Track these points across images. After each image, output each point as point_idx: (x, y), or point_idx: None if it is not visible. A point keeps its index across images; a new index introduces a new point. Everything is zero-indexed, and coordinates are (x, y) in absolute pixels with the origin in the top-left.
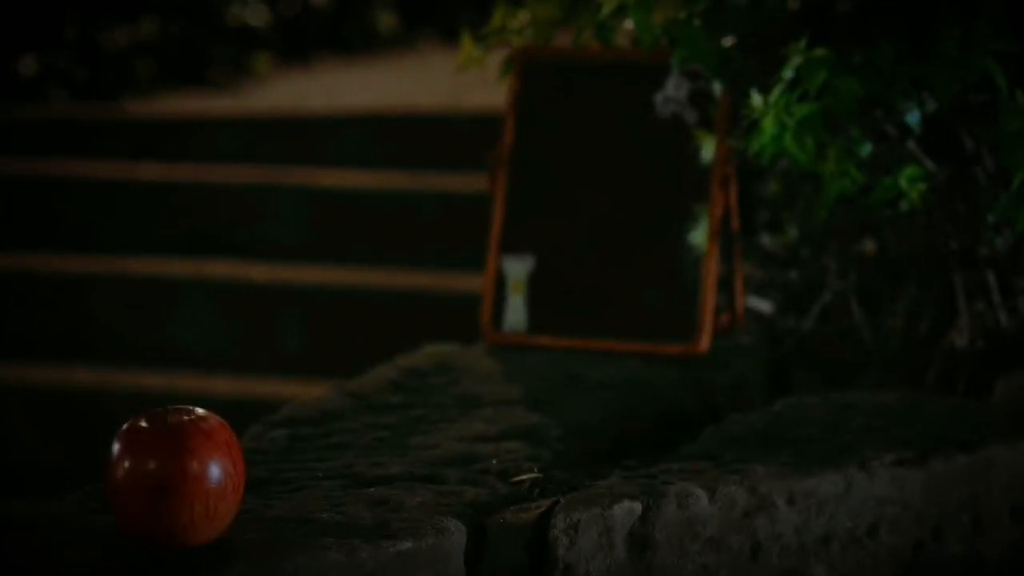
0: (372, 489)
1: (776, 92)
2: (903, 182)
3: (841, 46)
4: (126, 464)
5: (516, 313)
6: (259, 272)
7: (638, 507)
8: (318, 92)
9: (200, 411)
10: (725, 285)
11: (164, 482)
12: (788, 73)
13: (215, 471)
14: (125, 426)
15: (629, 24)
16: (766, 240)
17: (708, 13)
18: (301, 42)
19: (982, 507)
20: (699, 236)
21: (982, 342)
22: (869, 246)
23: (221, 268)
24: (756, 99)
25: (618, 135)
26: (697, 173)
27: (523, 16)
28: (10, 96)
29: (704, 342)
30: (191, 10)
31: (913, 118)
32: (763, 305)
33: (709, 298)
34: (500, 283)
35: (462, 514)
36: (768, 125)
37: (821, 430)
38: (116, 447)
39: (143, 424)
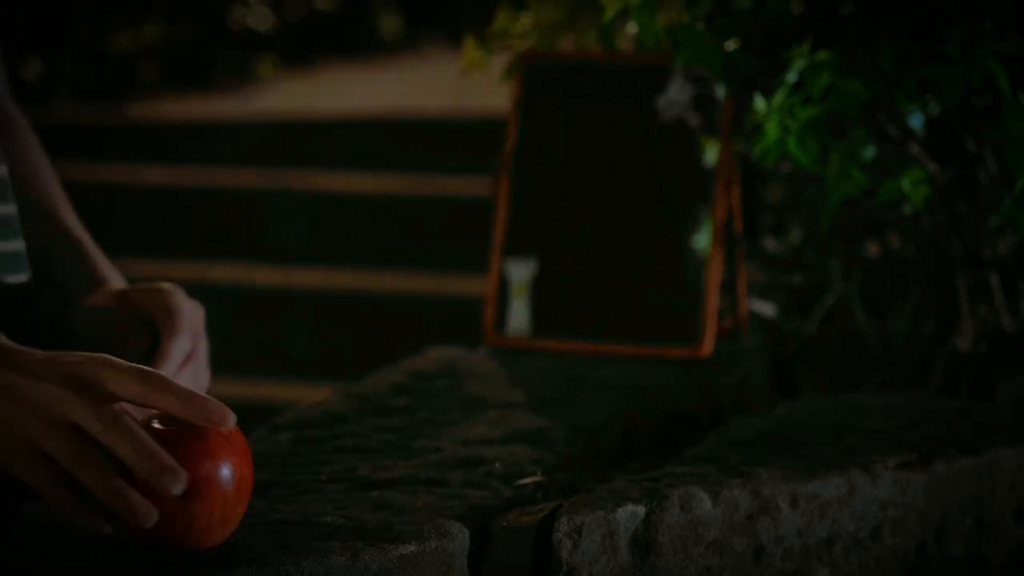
0: (376, 492)
1: (779, 95)
2: (906, 185)
3: (845, 48)
4: None
5: (519, 316)
6: (263, 275)
7: (641, 510)
8: (322, 95)
9: None
10: (728, 288)
11: (192, 485)
12: (791, 76)
13: (234, 474)
14: (145, 426)
15: (632, 27)
16: (769, 243)
17: (711, 16)
18: (305, 46)
19: (986, 509)
20: (702, 239)
21: (985, 344)
22: (872, 248)
23: (225, 271)
24: (759, 102)
25: (621, 139)
26: (700, 176)
27: (526, 19)
28: (14, 99)
29: (708, 345)
30: (196, 14)
31: (916, 120)
32: (767, 308)
33: (712, 301)
34: (503, 286)
35: (466, 517)
36: (771, 128)
37: (825, 433)
38: None
39: (164, 425)
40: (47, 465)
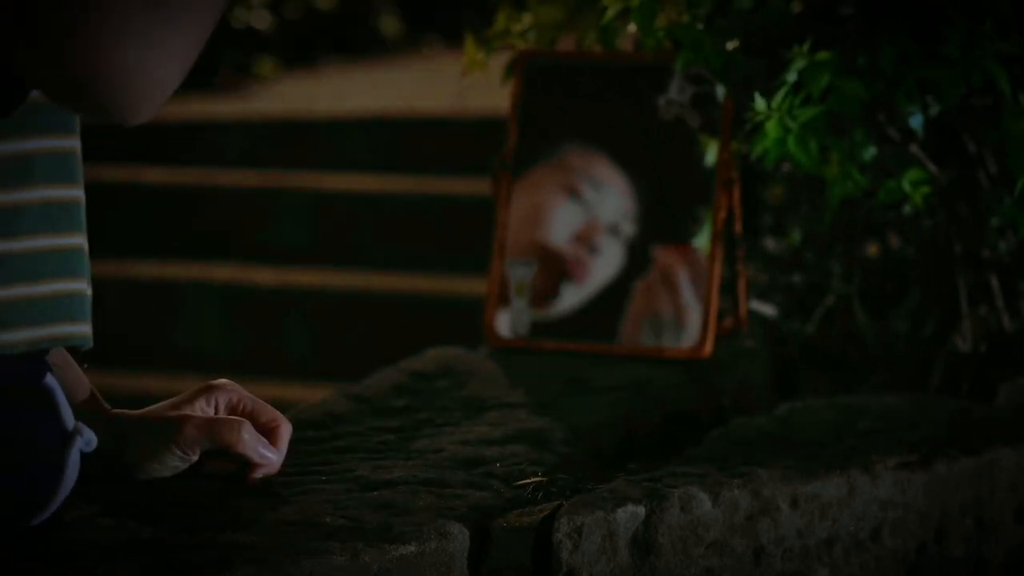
0: (376, 492)
1: (779, 95)
2: (906, 185)
3: (845, 48)
4: None
5: (519, 316)
6: (264, 275)
7: (641, 511)
8: (323, 96)
9: None
10: (729, 288)
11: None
12: (792, 76)
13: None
14: None
15: (632, 27)
16: (770, 243)
17: (711, 16)
18: (305, 46)
19: (986, 509)
20: (702, 239)
21: (985, 345)
22: (873, 249)
23: (226, 271)
24: (760, 102)
25: (621, 139)
26: (700, 176)
27: (526, 19)
28: None
29: (708, 345)
30: None
31: (916, 121)
32: (767, 308)
33: (713, 301)
34: (503, 286)
35: (466, 518)
36: (771, 128)
37: (825, 433)
38: None
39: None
40: None
